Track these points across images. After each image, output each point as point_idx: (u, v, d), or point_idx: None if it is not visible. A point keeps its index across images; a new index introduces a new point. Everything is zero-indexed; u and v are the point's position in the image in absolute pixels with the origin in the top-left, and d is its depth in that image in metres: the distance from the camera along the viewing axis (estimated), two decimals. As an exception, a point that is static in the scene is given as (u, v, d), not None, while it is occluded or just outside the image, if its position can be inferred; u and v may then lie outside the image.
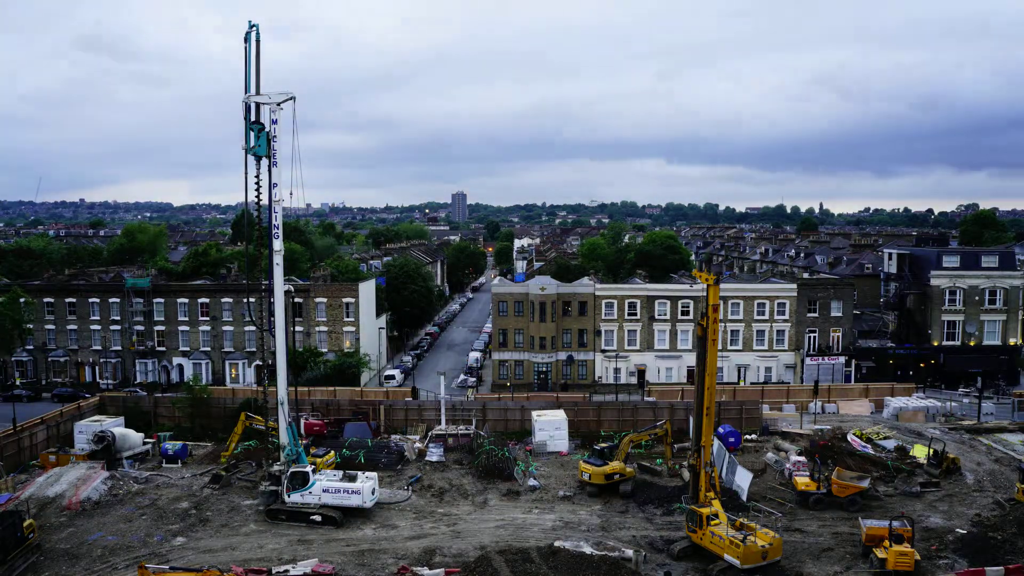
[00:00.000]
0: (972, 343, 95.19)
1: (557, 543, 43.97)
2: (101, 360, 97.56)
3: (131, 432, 64.33)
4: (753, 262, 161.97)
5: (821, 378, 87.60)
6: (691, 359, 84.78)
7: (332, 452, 59.30)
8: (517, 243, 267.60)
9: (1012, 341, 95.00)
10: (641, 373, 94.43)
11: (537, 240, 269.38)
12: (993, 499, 52.34)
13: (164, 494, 54.93)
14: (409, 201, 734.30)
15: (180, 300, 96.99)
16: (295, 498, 49.89)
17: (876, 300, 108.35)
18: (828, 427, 68.63)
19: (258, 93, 49.05)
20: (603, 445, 57.15)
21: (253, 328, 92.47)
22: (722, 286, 77.14)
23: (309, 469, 50.83)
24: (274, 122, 49.00)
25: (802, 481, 52.63)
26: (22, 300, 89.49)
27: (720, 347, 66.39)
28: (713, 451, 49.66)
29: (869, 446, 62.89)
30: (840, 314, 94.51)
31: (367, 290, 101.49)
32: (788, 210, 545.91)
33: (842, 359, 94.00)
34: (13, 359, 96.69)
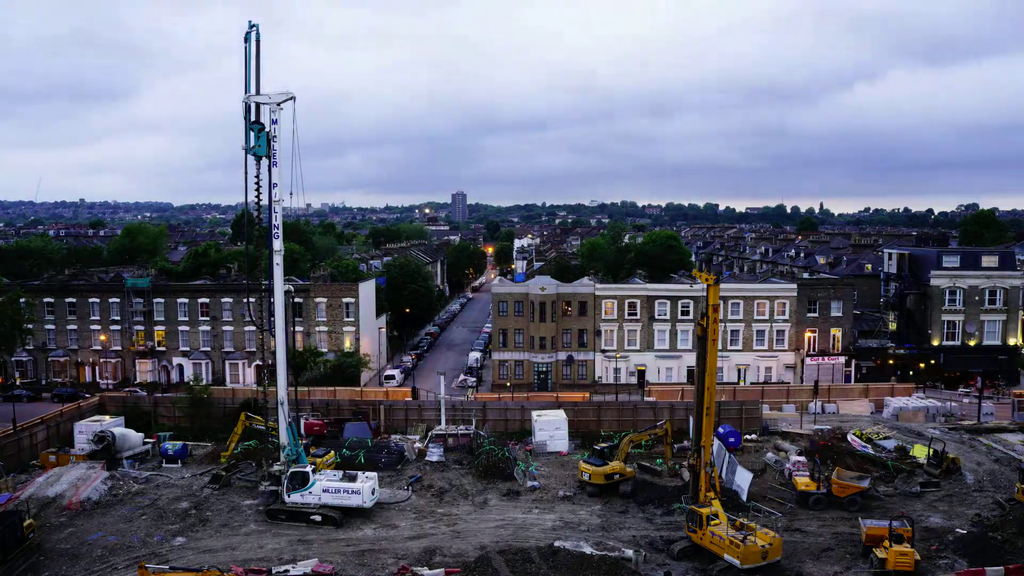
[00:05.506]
0: (972, 343, 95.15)
1: (557, 543, 43.97)
2: (101, 360, 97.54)
3: (131, 432, 64.34)
4: (753, 262, 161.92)
5: (821, 378, 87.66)
6: (691, 359, 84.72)
7: (332, 452, 59.32)
8: (517, 243, 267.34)
9: (1012, 341, 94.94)
10: (641, 373, 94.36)
11: (537, 240, 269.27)
12: (993, 499, 52.36)
13: (164, 494, 54.94)
14: (409, 201, 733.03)
15: (180, 300, 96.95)
16: (295, 498, 49.90)
17: (876, 300, 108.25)
18: (828, 427, 68.67)
19: (258, 93, 49.10)
20: (603, 445, 57.20)
21: (253, 328, 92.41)
22: (722, 286, 77.15)
23: (309, 469, 50.86)
24: (274, 122, 49.06)
25: (802, 481, 52.66)
26: (22, 300, 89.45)
27: (720, 347, 66.36)
28: (713, 451, 49.71)
29: (869, 446, 62.91)
30: (840, 314, 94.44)
31: (367, 290, 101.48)
32: (788, 210, 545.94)
33: (842, 359, 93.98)
34: (13, 359, 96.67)
